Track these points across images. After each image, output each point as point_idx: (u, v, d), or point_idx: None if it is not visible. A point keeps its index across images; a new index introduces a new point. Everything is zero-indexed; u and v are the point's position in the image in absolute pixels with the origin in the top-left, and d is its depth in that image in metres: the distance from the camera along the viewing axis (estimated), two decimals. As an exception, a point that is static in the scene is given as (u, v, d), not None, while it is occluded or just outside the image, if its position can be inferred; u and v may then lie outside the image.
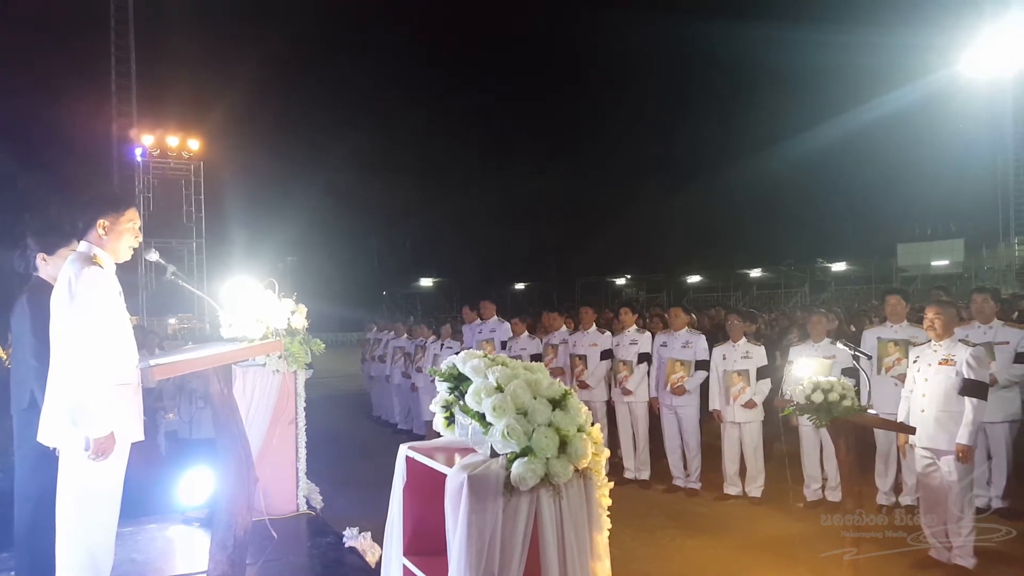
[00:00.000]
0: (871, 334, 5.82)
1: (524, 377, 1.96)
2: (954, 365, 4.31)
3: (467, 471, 1.80)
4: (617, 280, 51.12)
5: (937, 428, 4.31)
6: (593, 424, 2.05)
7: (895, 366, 5.45)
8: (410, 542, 2.13)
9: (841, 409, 3.86)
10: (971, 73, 23.15)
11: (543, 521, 1.82)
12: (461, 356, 2.10)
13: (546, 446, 1.84)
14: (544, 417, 1.89)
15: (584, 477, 1.94)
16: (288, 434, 4.47)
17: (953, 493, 4.27)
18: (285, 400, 4.35)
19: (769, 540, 5.10)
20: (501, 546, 1.76)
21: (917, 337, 5.11)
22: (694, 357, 6.39)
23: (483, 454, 1.92)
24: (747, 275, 44.36)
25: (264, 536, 3.46)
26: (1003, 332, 5.47)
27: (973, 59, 22.73)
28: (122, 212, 2.87)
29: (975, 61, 22.77)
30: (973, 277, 30.06)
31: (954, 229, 36.15)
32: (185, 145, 20.74)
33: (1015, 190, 27.36)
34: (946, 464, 4.29)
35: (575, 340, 7.24)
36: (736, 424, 6.06)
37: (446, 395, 2.10)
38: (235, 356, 2.91)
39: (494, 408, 1.87)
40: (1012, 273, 28.37)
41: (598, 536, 1.95)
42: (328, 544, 3.90)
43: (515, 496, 1.80)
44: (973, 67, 22.97)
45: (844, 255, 40.56)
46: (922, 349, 4.58)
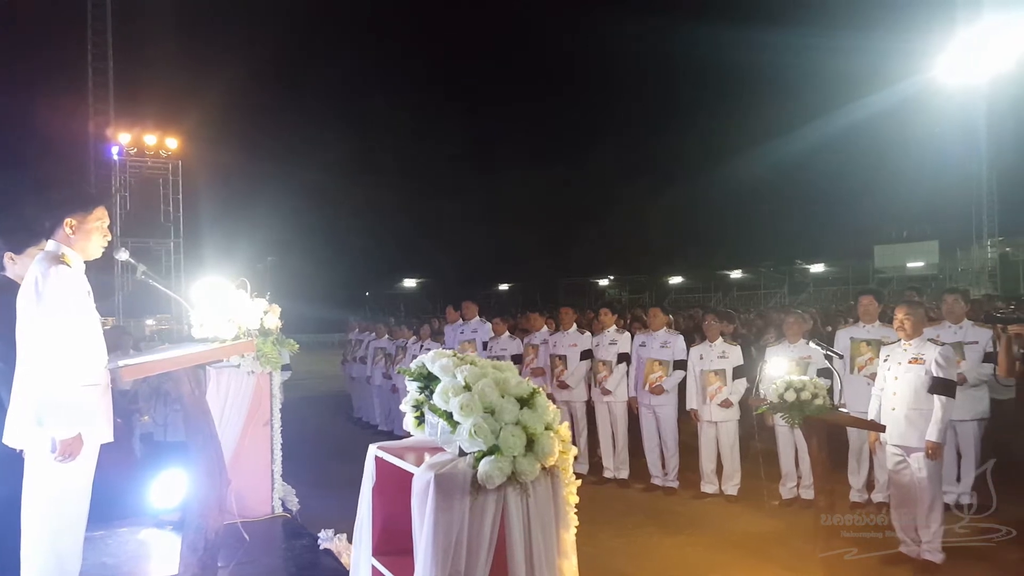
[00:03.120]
0: (844, 334, 5.90)
1: (492, 376, 1.96)
2: (923, 364, 4.39)
3: (434, 470, 1.80)
4: (600, 281, 51.34)
5: (907, 426, 4.38)
6: (563, 423, 2.06)
7: (867, 365, 5.53)
8: (379, 542, 2.12)
9: (813, 408, 3.92)
10: (945, 79, 23.57)
11: (510, 519, 1.83)
12: (430, 355, 2.11)
13: (513, 444, 1.85)
14: (512, 415, 1.90)
15: (551, 475, 1.96)
16: (263, 436, 4.44)
17: (922, 489, 4.34)
18: (260, 401, 4.32)
19: (745, 537, 5.15)
20: (468, 544, 1.77)
21: (889, 337, 5.18)
22: (672, 357, 6.44)
23: (451, 453, 1.93)
24: (727, 276, 44.81)
25: (237, 539, 3.43)
26: (973, 332, 5.57)
27: (947, 65, 23.15)
28: (90, 211, 2.83)
29: (949, 67, 23.18)
30: (947, 278, 30.56)
31: (929, 231, 36.75)
32: (163, 144, 20.48)
33: (988, 194, 27.92)
34: (916, 461, 4.36)
35: (555, 340, 7.26)
36: (713, 423, 6.11)
37: (416, 394, 2.10)
38: (206, 357, 2.88)
39: (461, 407, 1.87)
40: (985, 274, 28.92)
41: (565, 534, 1.96)
42: (303, 546, 3.88)
43: (482, 494, 1.81)
44: (947, 73, 23.39)
45: (822, 256, 41.18)
46: (892, 348, 4.65)
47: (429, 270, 51.04)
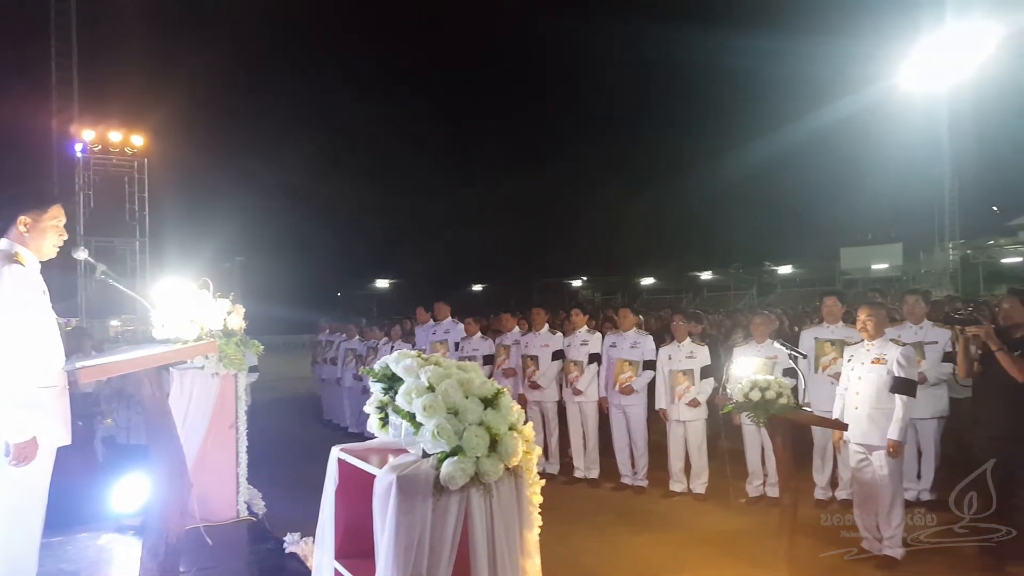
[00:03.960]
0: (809, 334, 6.00)
1: (456, 377, 1.96)
2: (886, 364, 4.48)
3: (396, 472, 1.79)
4: (574, 282, 51.59)
5: (870, 424, 4.46)
6: (527, 423, 2.06)
7: (831, 365, 5.63)
8: (342, 545, 2.10)
9: (777, 407, 3.97)
10: (909, 86, 24.14)
11: (473, 520, 1.82)
12: (394, 356, 2.09)
13: (476, 445, 1.84)
14: (475, 416, 1.89)
15: (515, 475, 1.95)
16: (228, 438, 4.36)
17: (884, 487, 4.42)
18: (225, 404, 4.24)
19: (713, 535, 5.21)
20: (430, 546, 1.76)
21: (852, 337, 5.27)
22: (642, 357, 6.49)
23: (414, 454, 1.92)
24: (698, 277, 45.41)
25: (199, 543, 3.38)
26: (932, 332, 5.70)
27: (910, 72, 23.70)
28: (45, 209, 2.77)
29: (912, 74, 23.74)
30: (911, 280, 31.29)
31: (893, 234, 37.68)
32: (128, 141, 20.01)
33: (950, 199, 28.70)
34: (878, 459, 4.45)
35: (527, 341, 7.27)
36: (681, 422, 6.17)
37: (380, 395, 2.09)
38: (167, 358, 2.83)
39: (424, 408, 1.86)
40: (947, 276, 29.69)
41: (528, 533, 1.96)
42: (268, 550, 3.82)
43: (445, 496, 1.80)
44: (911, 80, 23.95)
45: (790, 258, 42.06)
46: (856, 348, 4.74)
47: (402, 271, 50.80)
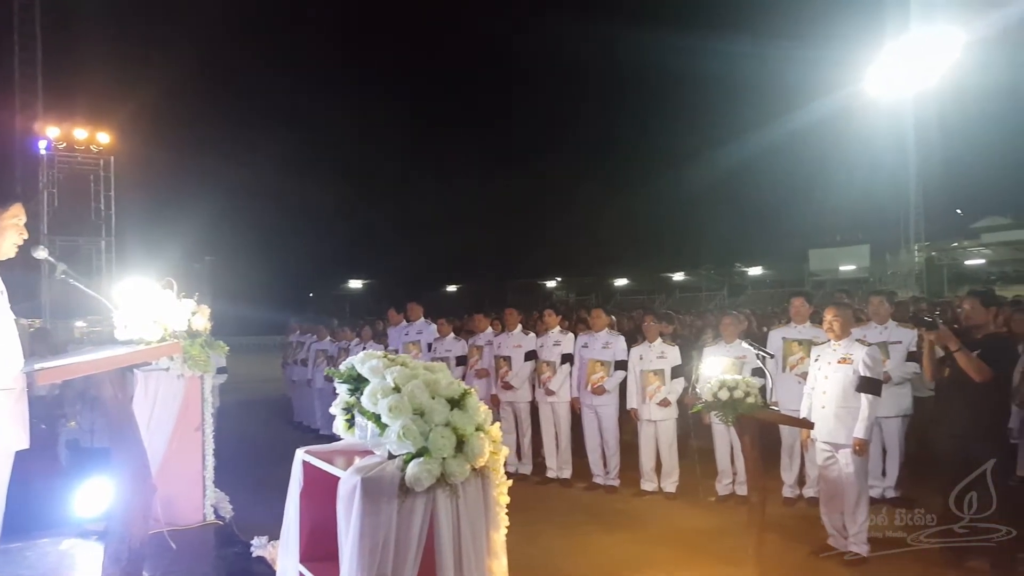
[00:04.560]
0: (776, 334, 6.08)
1: (423, 377, 1.94)
2: (852, 364, 4.55)
3: (361, 473, 1.77)
4: (548, 283, 51.72)
5: (836, 423, 4.53)
6: (495, 423, 2.06)
7: (799, 364, 5.71)
8: (307, 548, 2.08)
9: (745, 406, 4.02)
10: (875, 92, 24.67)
11: (439, 521, 1.81)
12: (360, 356, 2.08)
13: (442, 446, 1.83)
14: (442, 417, 1.88)
15: (482, 476, 1.94)
16: (194, 441, 4.29)
17: (849, 484, 4.50)
18: (190, 406, 4.17)
19: (683, 533, 5.26)
20: (395, 547, 1.74)
21: (819, 337, 5.36)
22: (613, 357, 6.52)
23: (380, 456, 1.90)
24: (670, 278, 45.85)
25: (163, 548, 3.31)
26: (897, 332, 5.81)
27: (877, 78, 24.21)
28: (6, 207, 2.70)
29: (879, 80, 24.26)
30: (877, 281, 31.92)
31: (861, 236, 38.47)
32: (94, 139, 19.58)
33: (915, 202, 29.43)
34: (844, 457, 4.52)
35: (500, 341, 7.27)
36: (652, 422, 6.21)
37: (346, 396, 2.06)
38: (128, 359, 2.76)
39: (390, 409, 1.85)
40: (913, 277, 30.40)
41: (495, 534, 1.95)
42: (235, 554, 3.76)
43: (410, 497, 1.78)
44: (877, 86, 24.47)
45: (760, 260, 42.75)
46: (822, 348, 4.81)
47: (376, 271, 50.50)
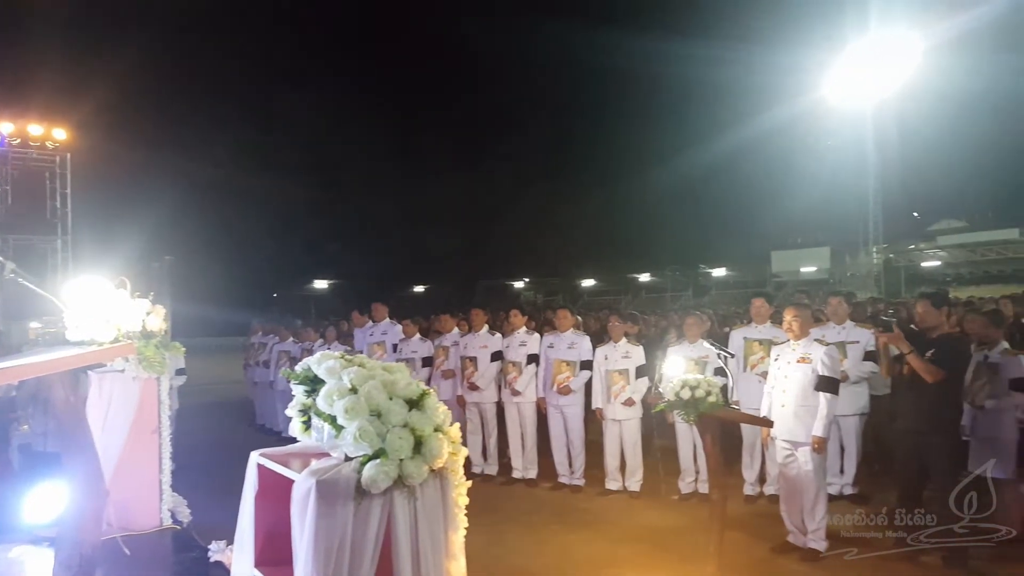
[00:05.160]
0: (738, 334, 6.17)
1: (380, 378, 1.92)
2: (810, 363, 4.64)
3: (316, 476, 1.74)
4: (516, 284, 51.80)
5: (795, 421, 4.61)
6: (454, 424, 2.04)
7: (759, 364, 5.80)
8: (262, 552, 2.04)
9: (706, 405, 4.07)
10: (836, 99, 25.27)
11: (396, 523, 1.79)
12: (316, 357, 2.05)
13: (400, 447, 1.81)
14: (399, 418, 1.86)
15: (440, 477, 1.93)
16: (151, 444, 4.20)
17: (808, 481, 4.58)
18: (147, 408, 4.08)
19: (646, 531, 5.30)
20: (351, 550, 1.72)
21: (779, 337, 5.44)
22: (579, 357, 6.55)
23: (336, 458, 1.88)
24: (636, 279, 46.31)
25: (117, 554, 3.23)
26: (854, 332, 5.94)
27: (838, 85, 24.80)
28: None
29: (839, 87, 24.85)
30: (837, 282, 32.69)
31: (821, 238, 39.41)
32: (50, 135, 19.02)
33: (874, 205, 30.20)
34: (803, 455, 4.60)
35: (466, 342, 7.24)
36: (617, 421, 6.26)
37: (303, 398, 2.03)
38: (79, 361, 2.69)
39: (346, 410, 1.82)
40: (871, 279, 31.19)
41: (453, 535, 1.94)
42: (192, 559, 3.69)
43: (366, 499, 1.76)
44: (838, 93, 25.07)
45: (724, 261, 43.57)
46: (782, 348, 4.90)
47: (342, 271, 49.99)
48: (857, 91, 24.93)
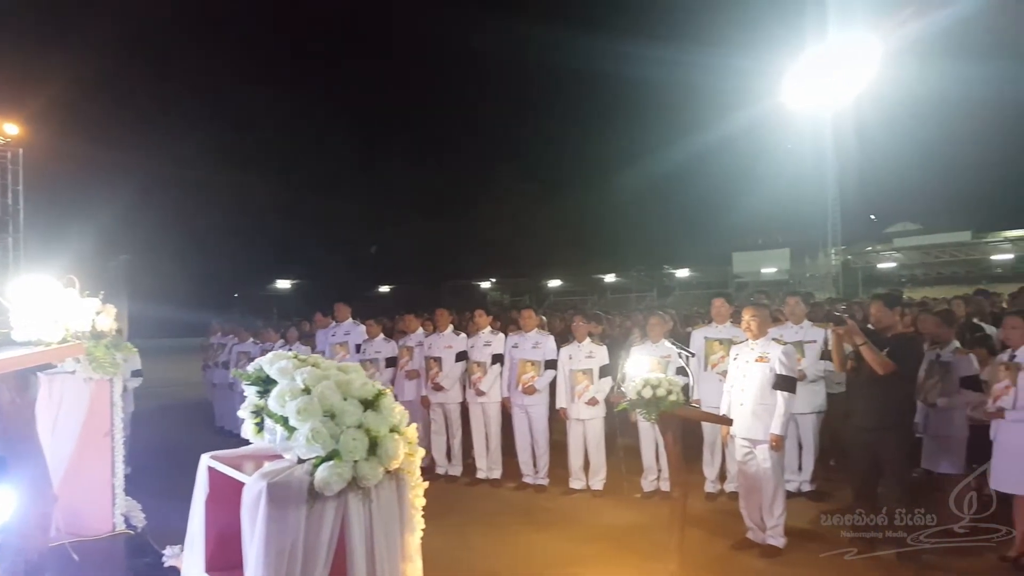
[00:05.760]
0: (699, 334, 6.25)
1: (335, 378, 1.89)
2: (768, 362, 4.71)
3: (267, 479, 1.70)
4: (482, 284, 51.74)
5: (754, 420, 4.68)
6: (411, 424, 2.02)
7: (720, 363, 5.87)
8: (213, 557, 1.99)
9: (668, 403, 4.11)
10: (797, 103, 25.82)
11: (351, 525, 1.76)
12: (268, 357, 2.01)
13: (354, 448, 1.78)
14: (354, 419, 1.84)
15: (396, 478, 1.91)
16: (103, 447, 4.07)
17: (767, 479, 4.65)
18: (99, 410, 3.96)
19: (609, 530, 5.33)
20: (304, 554, 1.69)
21: (739, 336, 5.51)
22: (543, 357, 6.56)
23: (289, 460, 1.84)
24: (602, 280, 46.68)
25: (66, 560, 3.13)
26: (812, 332, 6.06)
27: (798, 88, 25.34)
28: None
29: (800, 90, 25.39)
30: (797, 283, 33.35)
31: (781, 240, 40.24)
32: (1, 130, 18.44)
33: (832, 208, 30.95)
34: (761, 452, 4.67)
35: (430, 342, 7.20)
36: (580, 421, 6.28)
37: (255, 399, 1.99)
38: (25, 361, 2.60)
39: (299, 411, 1.79)
40: (830, 279, 31.92)
41: (410, 537, 1.92)
42: (146, 565, 3.60)
43: (319, 502, 1.73)
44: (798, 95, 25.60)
45: (687, 262, 44.26)
46: (741, 347, 4.97)
47: (305, 271, 49.31)
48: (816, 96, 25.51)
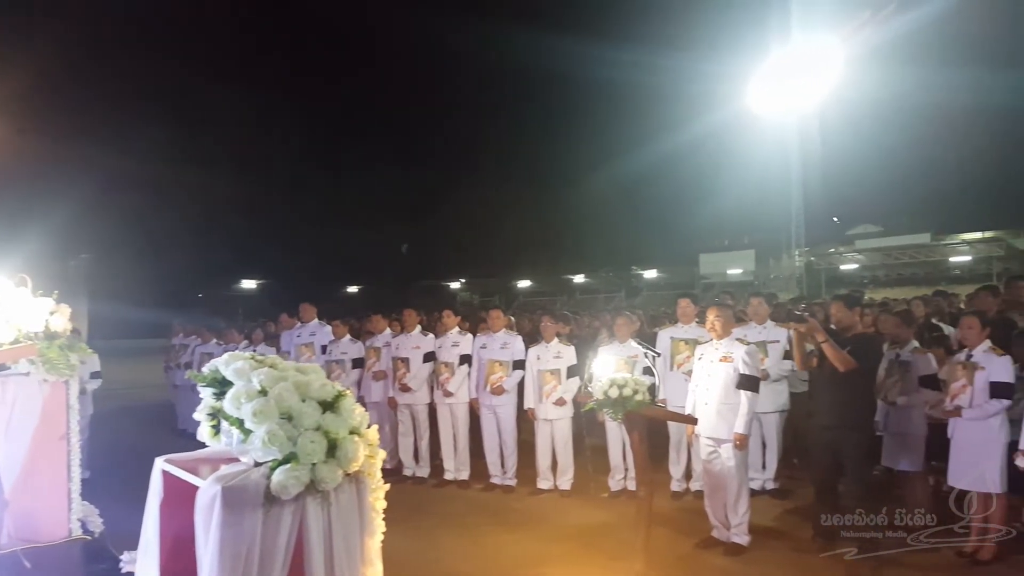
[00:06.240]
0: (665, 334, 6.30)
1: (293, 379, 1.86)
2: (732, 362, 4.76)
3: (221, 483, 1.66)
4: (452, 284, 51.62)
5: (718, 419, 4.73)
6: (372, 425, 2.00)
7: (685, 363, 5.93)
8: (168, 563, 1.94)
9: (634, 403, 4.12)
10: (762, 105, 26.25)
11: (309, 529, 1.73)
12: (224, 358, 1.96)
13: (312, 451, 1.75)
14: (312, 421, 1.80)
15: (356, 481, 1.88)
16: (58, 451, 3.95)
17: (731, 477, 4.71)
18: (54, 413, 3.84)
19: (576, 530, 5.34)
20: (260, 559, 1.65)
21: (704, 336, 5.56)
22: (512, 357, 6.56)
23: (245, 463, 1.80)
24: (571, 280, 46.94)
25: (17, 567, 3.03)
26: (775, 332, 6.15)
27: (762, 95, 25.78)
28: None
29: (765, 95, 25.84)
30: (762, 284, 33.93)
31: (747, 242, 40.94)
32: (-49, 124, 17.86)
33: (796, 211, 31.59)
34: (725, 451, 4.72)
35: (398, 343, 7.14)
36: (548, 421, 6.29)
37: (211, 401, 1.95)
38: (-28, 363, 2.51)
39: (254, 413, 1.75)
40: (794, 280, 32.57)
41: (370, 541, 1.89)
42: (103, 571, 3.50)
43: (276, 506, 1.70)
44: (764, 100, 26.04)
45: (655, 263, 44.76)
46: (705, 347, 5.02)
47: (271, 271, 48.64)
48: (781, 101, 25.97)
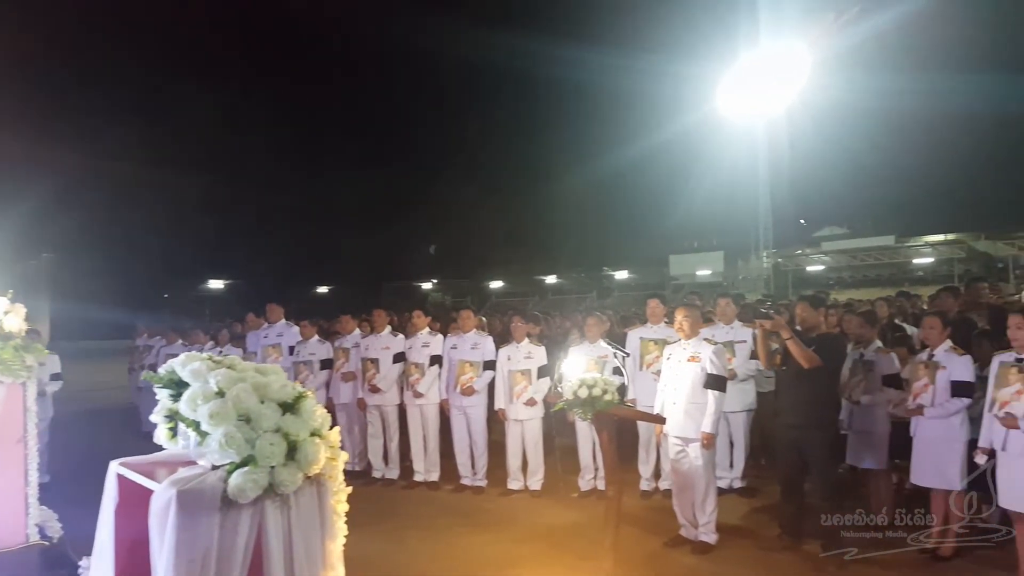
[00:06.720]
0: (634, 334, 6.34)
1: (251, 380, 1.82)
2: (700, 362, 4.80)
3: (176, 486, 1.62)
4: (424, 285, 51.41)
5: (686, 418, 4.77)
6: (334, 427, 1.97)
7: (654, 363, 5.97)
8: (124, 568, 1.89)
9: (603, 403, 4.14)
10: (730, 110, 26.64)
11: (268, 533, 1.69)
12: (180, 359, 1.92)
13: (271, 454, 1.71)
14: (271, 422, 1.77)
15: (317, 484, 1.85)
16: (15, 455, 3.83)
17: (699, 476, 4.75)
18: (11, 416, 3.73)
19: (547, 530, 5.34)
20: (217, 564, 1.61)
21: (673, 337, 5.60)
22: (482, 358, 6.54)
23: (202, 466, 1.76)
24: (543, 281, 47.10)
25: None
26: (742, 332, 6.23)
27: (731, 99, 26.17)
28: None
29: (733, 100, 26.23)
30: (731, 285, 34.41)
31: (716, 243, 41.53)
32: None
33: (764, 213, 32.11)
34: (693, 450, 4.76)
35: (367, 344, 7.08)
36: (519, 421, 6.28)
37: (168, 403, 1.90)
38: (-81, 365, 2.43)
39: (211, 415, 1.71)
40: (762, 281, 33.08)
41: (331, 544, 1.86)
42: (60, 576, 3.41)
43: (234, 510, 1.66)
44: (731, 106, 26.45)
45: (626, 264, 45.16)
46: (673, 347, 5.06)
47: (239, 271, 47.95)
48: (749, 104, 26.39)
